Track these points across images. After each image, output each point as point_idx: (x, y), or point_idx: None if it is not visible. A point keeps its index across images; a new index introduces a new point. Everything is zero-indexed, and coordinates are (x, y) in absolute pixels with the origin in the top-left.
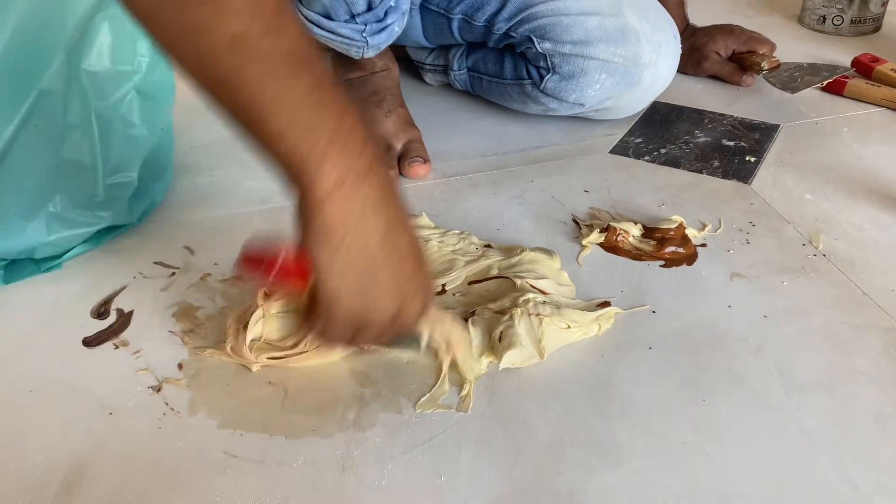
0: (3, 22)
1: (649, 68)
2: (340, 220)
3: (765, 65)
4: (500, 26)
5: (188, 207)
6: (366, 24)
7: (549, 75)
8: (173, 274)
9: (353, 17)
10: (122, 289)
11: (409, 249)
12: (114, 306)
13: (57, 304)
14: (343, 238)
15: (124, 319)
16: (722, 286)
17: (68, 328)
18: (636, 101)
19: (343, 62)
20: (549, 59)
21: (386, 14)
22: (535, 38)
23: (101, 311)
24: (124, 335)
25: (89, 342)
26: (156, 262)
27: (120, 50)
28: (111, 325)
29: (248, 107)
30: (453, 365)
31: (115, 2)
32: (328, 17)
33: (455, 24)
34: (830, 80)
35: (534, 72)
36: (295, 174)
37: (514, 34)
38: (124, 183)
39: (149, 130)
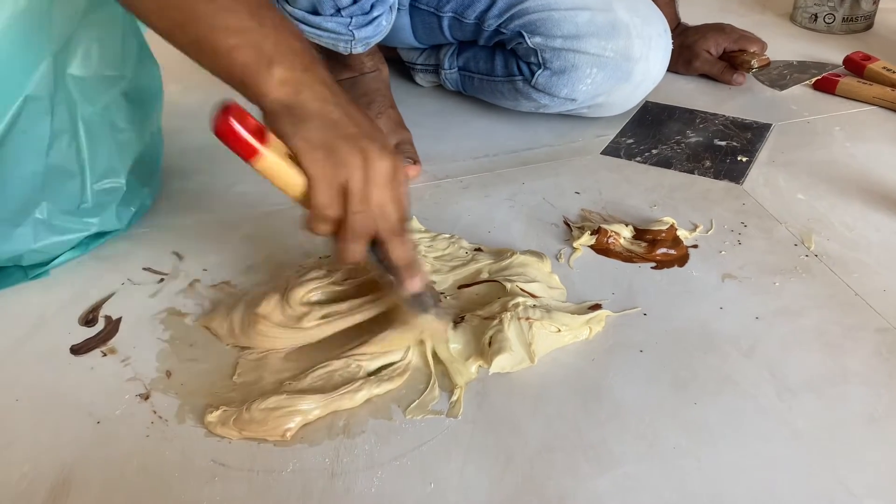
0: None
1: (640, 62)
2: (291, 98)
3: (755, 63)
4: (491, 23)
5: (177, 213)
6: (351, 17)
7: (540, 71)
8: (162, 280)
9: (338, 10)
10: (111, 296)
11: (360, 113)
12: (102, 313)
13: (44, 311)
14: (297, 109)
15: (112, 327)
16: (713, 287)
17: (56, 336)
18: (627, 97)
19: (333, 63)
20: (539, 54)
21: (372, 7)
22: (525, 34)
23: (88, 319)
24: (112, 343)
25: (77, 350)
26: (144, 269)
27: (106, 55)
28: (99, 333)
29: (201, 40)
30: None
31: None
32: (314, 12)
33: (445, 23)
34: (819, 78)
35: (524, 68)
36: (249, 83)
37: (504, 30)
38: (112, 189)
39: (137, 135)
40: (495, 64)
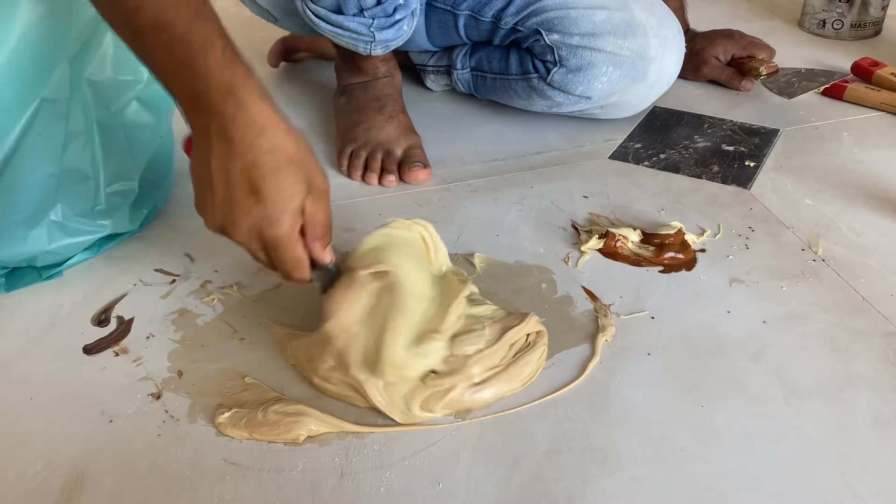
0: (8, 30)
1: (656, 62)
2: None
3: (763, 70)
4: (508, 20)
5: (188, 215)
6: (374, 19)
7: (556, 68)
8: (173, 281)
9: (361, 11)
10: (123, 296)
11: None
12: (114, 314)
13: (58, 311)
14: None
15: (124, 327)
16: (721, 291)
17: (69, 335)
18: (641, 97)
19: (347, 67)
20: (556, 51)
21: (395, 10)
22: (542, 31)
23: (101, 319)
24: (124, 342)
25: (90, 350)
26: (156, 270)
27: (122, 59)
28: (111, 333)
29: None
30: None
31: None
32: (338, 11)
33: (461, 22)
34: (827, 86)
35: (540, 66)
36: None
37: (521, 28)
38: (125, 191)
39: (149, 139)
40: (510, 62)
